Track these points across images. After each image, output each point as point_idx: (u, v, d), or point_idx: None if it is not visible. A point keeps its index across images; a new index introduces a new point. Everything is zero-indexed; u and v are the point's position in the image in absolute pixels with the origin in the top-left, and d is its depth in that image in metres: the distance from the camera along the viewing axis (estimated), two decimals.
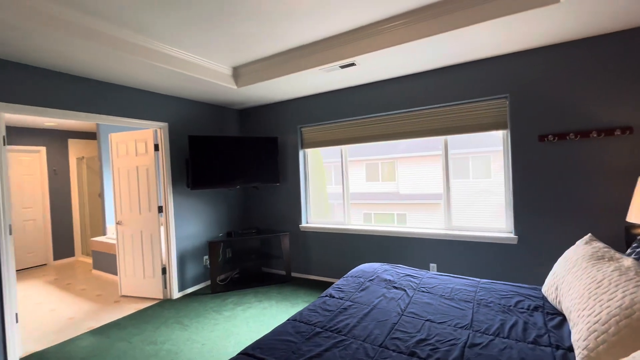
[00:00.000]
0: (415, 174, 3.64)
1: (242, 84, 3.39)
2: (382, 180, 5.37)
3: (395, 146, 3.86)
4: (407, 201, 4.19)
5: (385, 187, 5.26)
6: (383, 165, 5.44)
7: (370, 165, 5.48)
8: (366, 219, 5.60)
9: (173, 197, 3.63)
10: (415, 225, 3.48)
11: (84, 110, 2.89)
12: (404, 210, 4.09)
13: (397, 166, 4.75)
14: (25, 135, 5.09)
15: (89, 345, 2.62)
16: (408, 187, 4.00)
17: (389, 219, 5.32)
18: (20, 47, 2.22)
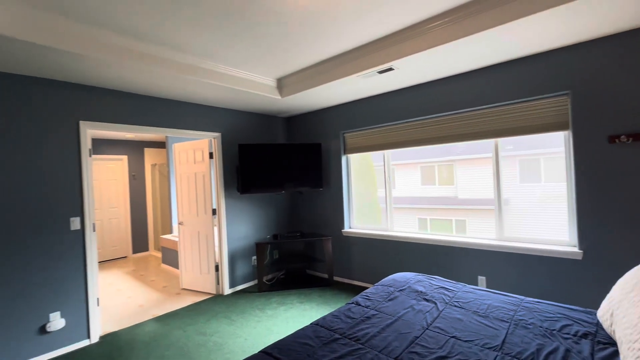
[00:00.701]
0: (475, 177, 3.33)
1: (285, 94, 3.56)
2: (439, 184, 5.09)
3: (453, 148, 3.66)
4: (466, 206, 3.95)
5: (443, 191, 4.99)
6: (440, 168, 5.18)
7: (426, 168, 5.23)
8: (421, 225, 5.37)
9: (225, 201, 3.95)
10: (463, 234, 3.27)
11: (152, 124, 3.32)
12: (463, 216, 3.86)
13: (456, 169, 4.52)
14: (111, 146, 5.99)
15: (152, 331, 2.99)
16: (468, 191, 3.75)
17: (446, 225, 5.05)
18: (100, 75, 2.65)
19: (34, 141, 2.59)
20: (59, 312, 2.67)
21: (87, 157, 2.89)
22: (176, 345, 2.70)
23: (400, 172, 5.12)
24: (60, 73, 2.56)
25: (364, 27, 2.42)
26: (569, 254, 2.54)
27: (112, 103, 3.03)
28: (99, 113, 2.95)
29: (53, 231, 2.66)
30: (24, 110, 2.55)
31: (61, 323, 2.66)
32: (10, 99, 2.49)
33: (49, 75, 2.59)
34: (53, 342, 2.63)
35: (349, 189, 4.19)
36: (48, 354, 2.59)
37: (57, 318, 2.65)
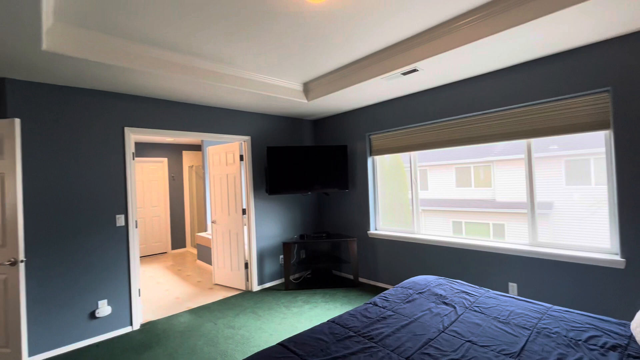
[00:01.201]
0: (515, 179, 3.13)
1: (311, 97, 3.66)
2: (476, 186, 4.88)
3: (491, 148, 3.52)
4: (504, 210, 3.80)
5: (479, 194, 4.79)
6: (477, 169, 4.99)
7: (461, 169, 5.04)
8: (456, 228, 5.21)
9: (254, 201, 4.13)
10: (501, 239, 3.15)
11: (188, 129, 3.56)
12: (502, 219, 3.72)
13: (494, 170, 4.36)
14: (153, 149, 6.46)
15: (186, 322, 3.21)
16: (506, 194, 3.58)
17: (483, 229, 4.86)
18: (143, 85, 2.91)
19: (86, 146, 2.90)
20: (106, 300, 2.96)
21: (131, 160, 3.17)
22: (207, 336, 2.88)
23: (434, 173, 4.97)
24: (109, 85, 2.85)
25: (387, 29, 2.44)
26: (610, 262, 2.37)
27: (153, 110, 3.30)
28: (141, 119, 3.23)
29: (101, 227, 2.95)
30: (78, 118, 2.86)
31: (108, 310, 2.95)
32: (69, 109, 2.81)
33: (99, 87, 2.89)
34: (101, 327, 2.92)
35: (375, 191, 4.19)
36: (97, 337, 2.89)
37: (104, 305, 2.94)
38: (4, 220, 2.37)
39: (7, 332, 2.36)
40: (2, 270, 2.36)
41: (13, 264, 2.34)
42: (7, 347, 2.37)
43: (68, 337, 2.75)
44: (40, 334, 2.63)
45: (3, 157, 2.38)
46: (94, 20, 2.09)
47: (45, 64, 2.33)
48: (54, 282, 2.70)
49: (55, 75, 2.56)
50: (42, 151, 2.69)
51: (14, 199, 2.36)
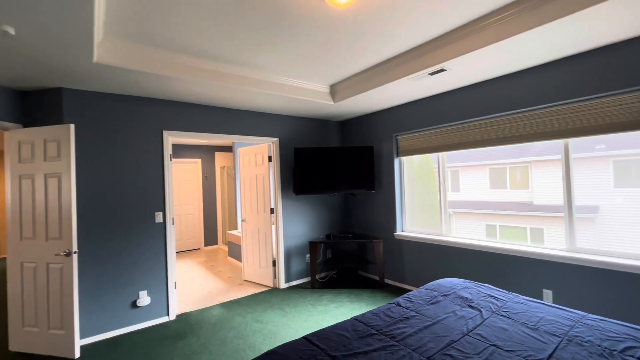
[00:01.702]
0: (556, 180, 2.90)
1: (338, 99, 3.71)
2: (511, 188, 4.67)
3: (528, 148, 3.37)
4: (544, 213, 3.62)
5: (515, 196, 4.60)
6: (513, 170, 4.81)
7: (496, 170, 4.85)
8: (489, 232, 5.04)
9: (282, 201, 4.25)
10: (540, 244, 3.01)
11: (220, 132, 3.75)
12: (540, 223, 3.55)
13: (531, 171, 4.18)
14: (188, 150, 6.82)
15: (217, 315, 3.38)
16: (546, 196, 3.40)
17: (519, 233, 4.67)
18: (180, 91, 3.11)
19: (129, 148, 3.15)
20: (146, 291, 3.19)
21: (168, 161, 3.39)
22: (237, 329, 3.02)
23: (466, 174, 4.83)
24: (149, 91, 3.07)
25: (414, 31, 2.43)
26: None
27: (188, 114, 3.52)
28: (178, 123, 3.45)
29: (142, 223, 3.19)
30: (123, 123, 3.12)
31: (147, 300, 3.18)
32: (114, 114, 3.07)
33: (140, 93, 3.13)
34: (141, 316, 3.16)
35: (402, 192, 4.15)
36: (138, 325, 3.12)
37: (144, 296, 3.17)
38: (60, 216, 2.64)
39: (62, 316, 2.63)
40: (59, 260, 2.64)
41: (68, 254, 2.61)
42: (62, 329, 2.64)
43: (112, 324, 3.00)
44: (88, 319, 2.89)
45: (60, 158, 2.65)
46: (137, 33, 2.28)
47: (95, 74, 2.57)
48: (101, 272, 2.97)
49: (102, 84, 2.81)
50: (91, 153, 2.96)
51: (68, 196, 2.62)
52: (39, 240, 2.69)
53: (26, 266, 2.72)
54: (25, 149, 2.73)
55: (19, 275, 2.73)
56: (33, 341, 2.69)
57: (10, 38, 1.90)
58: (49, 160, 2.67)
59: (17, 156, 2.75)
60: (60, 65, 2.35)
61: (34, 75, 2.53)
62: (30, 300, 2.71)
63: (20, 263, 2.73)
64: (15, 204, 2.75)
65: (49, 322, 2.66)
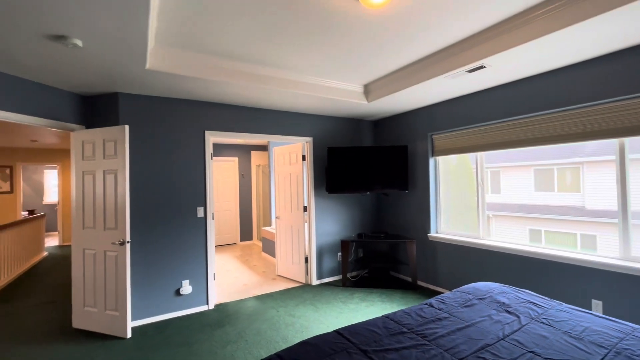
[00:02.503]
0: (612, 183, 2.62)
1: (371, 99, 3.71)
2: (560, 191, 4.39)
3: (580, 148, 3.15)
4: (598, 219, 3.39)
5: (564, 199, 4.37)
6: (561, 172, 4.56)
7: (542, 171, 4.59)
8: (533, 237, 4.84)
9: (315, 199, 4.33)
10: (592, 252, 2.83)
11: (257, 131, 3.91)
12: (593, 229, 3.34)
13: (583, 173, 3.94)
14: (226, 150, 7.14)
15: (252, 306, 3.54)
16: (600, 200, 3.17)
17: (568, 239, 4.44)
18: (221, 93, 3.29)
19: (175, 147, 3.39)
20: (188, 280, 3.42)
21: (210, 159, 3.60)
22: (270, 321, 3.14)
23: (508, 175, 4.60)
24: (193, 94, 3.29)
25: (451, 28, 2.38)
26: None
27: (228, 115, 3.71)
28: (218, 124, 3.65)
29: (185, 217, 3.43)
30: (169, 124, 3.37)
31: (189, 289, 3.41)
32: (162, 116, 3.33)
33: (185, 96, 3.36)
34: (184, 303, 3.39)
35: (437, 193, 4.05)
36: (180, 312, 3.36)
37: (187, 285, 3.40)
38: (116, 208, 2.92)
39: (117, 299, 2.91)
40: (114, 248, 2.92)
41: (122, 243, 2.88)
42: (116, 311, 2.92)
43: (159, 309, 3.26)
44: (139, 303, 3.17)
45: (116, 156, 2.93)
46: (185, 40, 2.46)
47: (147, 80, 2.81)
48: (149, 261, 3.23)
49: (153, 88, 3.06)
50: (142, 152, 3.23)
51: (123, 190, 2.89)
52: (98, 230, 2.99)
53: (87, 252, 3.04)
54: (87, 148, 3.05)
55: (81, 260, 3.06)
56: (92, 320, 3.00)
57: (79, 49, 2.14)
58: (107, 158, 2.96)
59: (81, 154, 3.07)
60: (118, 72, 2.60)
61: (95, 82, 2.82)
62: (90, 283, 3.02)
63: (82, 250, 3.06)
64: (79, 196, 3.08)
65: (106, 303, 2.96)
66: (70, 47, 2.07)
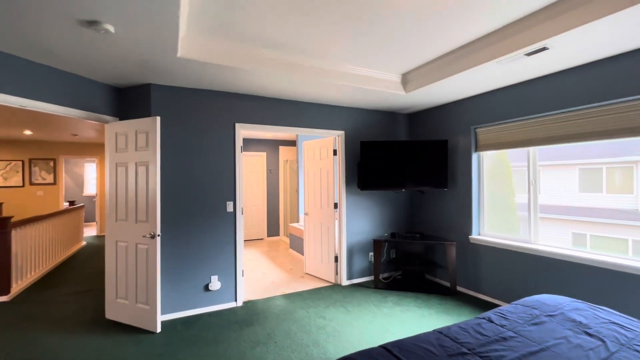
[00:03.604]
0: None
1: (410, 89, 3.44)
2: (608, 192, 4.05)
3: (632, 145, 2.79)
4: None
5: (614, 201, 3.99)
6: (610, 171, 4.17)
7: (588, 170, 4.27)
8: (577, 241, 4.53)
9: (346, 196, 4.13)
10: None
11: (287, 124, 3.76)
12: None
13: (638, 172, 3.56)
14: (253, 144, 7.09)
15: (281, 305, 3.41)
16: None
17: (618, 245, 4.06)
18: (251, 82, 3.16)
19: (205, 140, 3.32)
20: (217, 276, 3.35)
21: (240, 152, 3.50)
22: (300, 322, 3.00)
23: (549, 174, 4.25)
24: (224, 85, 3.18)
25: (507, 6, 2.09)
26: None
27: (258, 107, 3.58)
28: (249, 116, 3.54)
29: (215, 211, 3.35)
30: (200, 116, 3.29)
31: (218, 285, 3.33)
32: (192, 108, 3.25)
33: (216, 87, 3.26)
34: (212, 299, 3.32)
35: (480, 191, 3.72)
36: (209, 307, 3.30)
37: (215, 280, 3.33)
38: (147, 201, 2.88)
39: (147, 292, 2.88)
40: (145, 241, 2.89)
41: (152, 237, 2.83)
42: (146, 304, 2.89)
43: (188, 303, 3.21)
44: (168, 297, 3.13)
45: (148, 148, 2.88)
46: (218, 27, 2.33)
47: (178, 69, 2.72)
48: (179, 255, 3.18)
49: (184, 79, 2.98)
50: (173, 144, 3.18)
51: (154, 183, 2.84)
52: (130, 222, 2.97)
53: (120, 245, 3.03)
54: (120, 140, 3.03)
55: (114, 252, 3.06)
56: (124, 312, 2.99)
57: (110, 36, 2.07)
58: (139, 150, 2.92)
59: (114, 146, 3.06)
60: (149, 60, 2.52)
61: (127, 72, 2.77)
62: (122, 275, 3.01)
63: (115, 242, 3.06)
64: (112, 188, 3.08)
65: (137, 296, 2.94)
66: (102, 33, 2.00)
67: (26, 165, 7.35)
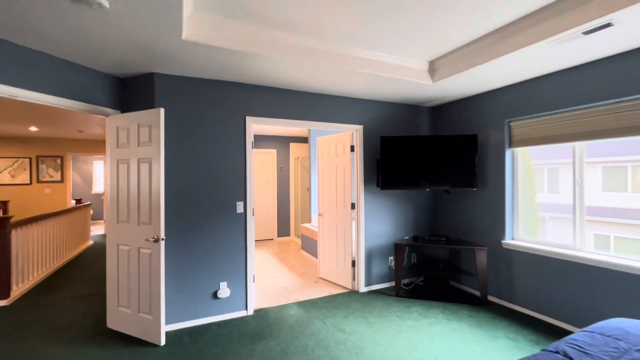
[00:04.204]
0: None
1: (438, 77, 3.11)
2: (634, 191, 3.85)
3: None
4: None
5: None
6: (636, 170, 3.92)
7: (612, 169, 4.06)
8: (599, 243, 4.27)
9: (364, 196, 3.82)
10: None
11: (301, 118, 3.46)
12: None
13: None
14: (263, 141, 6.83)
15: (295, 315, 3.13)
16: None
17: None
18: (260, 69, 2.87)
19: (213, 134, 3.04)
20: (226, 282, 3.09)
21: (250, 148, 3.22)
22: (317, 336, 2.71)
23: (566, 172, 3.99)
24: (233, 74, 2.90)
25: None
26: None
27: (270, 99, 3.29)
28: (260, 109, 3.25)
29: (224, 213, 3.08)
30: (207, 108, 3.02)
31: (227, 292, 3.07)
32: (199, 99, 2.98)
33: (224, 77, 2.98)
34: (221, 307, 3.06)
35: (514, 191, 3.37)
36: (218, 316, 3.04)
37: (224, 287, 3.07)
38: (150, 201, 2.62)
39: (150, 302, 2.63)
40: (148, 245, 2.63)
41: (156, 240, 2.58)
42: (150, 314, 2.64)
43: (195, 312, 2.96)
44: (173, 306, 2.88)
45: (151, 143, 2.62)
46: (226, 5, 2.04)
47: (183, 55, 2.45)
48: (185, 260, 2.93)
49: (190, 66, 2.71)
50: (177, 139, 2.91)
51: (158, 182, 2.58)
52: (132, 224, 2.72)
53: (121, 248, 2.79)
54: (122, 134, 2.78)
55: (116, 256, 2.82)
56: (126, 322, 2.75)
57: (104, 11, 1.80)
58: (142, 146, 2.67)
59: (115, 141, 2.82)
60: (151, 43, 2.25)
61: (128, 58, 2.51)
62: (124, 281, 2.77)
63: (117, 245, 2.81)
64: (113, 187, 2.83)
65: (139, 305, 2.69)
66: (95, 8, 1.73)
67: (33, 162, 7.23)
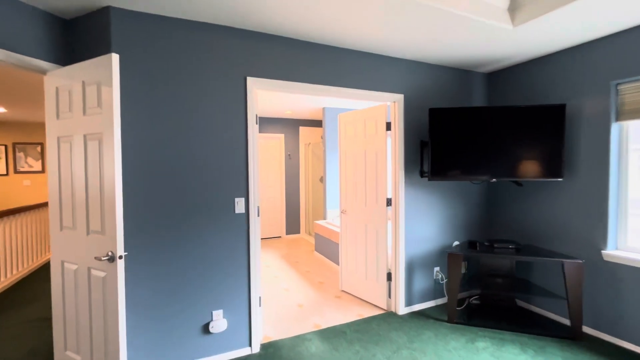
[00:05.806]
0: None
1: (522, 18, 2.13)
2: None
3: None
4: None
5: None
6: None
7: None
8: None
9: (405, 188, 2.89)
10: None
11: (320, 82, 2.51)
12: None
13: None
14: (269, 124, 5.89)
15: (317, 353, 2.26)
16: None
17: None
18: (269, 7, 1.92)
19: (199, 102, 2.12)
20: (222, 311, 2.20)
21: (254, 124, 2.30)
22: None
23: None
24: (228, 15, 1.95)
25: None
26: None
27: (280, 54, 2.35)
28: (267, 68, 2.31)
29: (217, 214, 2.18)
30: (190, 63, 2.08)
31: (224, 324, 2.19)
32: (178, 49, 2.05)
33: (217, 19, 2.03)
34: (214, 345, 2.19)
35: (621, 183, 2.42)
36: (211, 358, 2.17)
37: (219, 317, 2.19)
38: (102, 198, 1.73)
39: (106, 343, 1.75)
40: (101, 266, 1.75)
41: (111, 259, 1.69)
42: None
43: (178, 354, 2.09)
44: (145, 348, 2.01)
45: (100, 109, 1.71)
46: None
47: None
48: (160, 283, 2.04)
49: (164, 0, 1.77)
50: (145, 110, 1.99)
51: (111, 168, 1.68)
52: (79, 232, 1.83)
53: (67, 267, 1.91)
54: (63, 99, 1.87)
55: (60, 277, 1.94)
56: None
57: None
58: (89, 114, 1.76)
59: (55, 109, 1.91)
60: None
61: None
62: (72, 314, 1.90)
63: (61, 262, 1.94)
64: (53, 177, 1.94)
65: (92, 350, 1.83)
66: None
67: (9, 150, 6.39)
